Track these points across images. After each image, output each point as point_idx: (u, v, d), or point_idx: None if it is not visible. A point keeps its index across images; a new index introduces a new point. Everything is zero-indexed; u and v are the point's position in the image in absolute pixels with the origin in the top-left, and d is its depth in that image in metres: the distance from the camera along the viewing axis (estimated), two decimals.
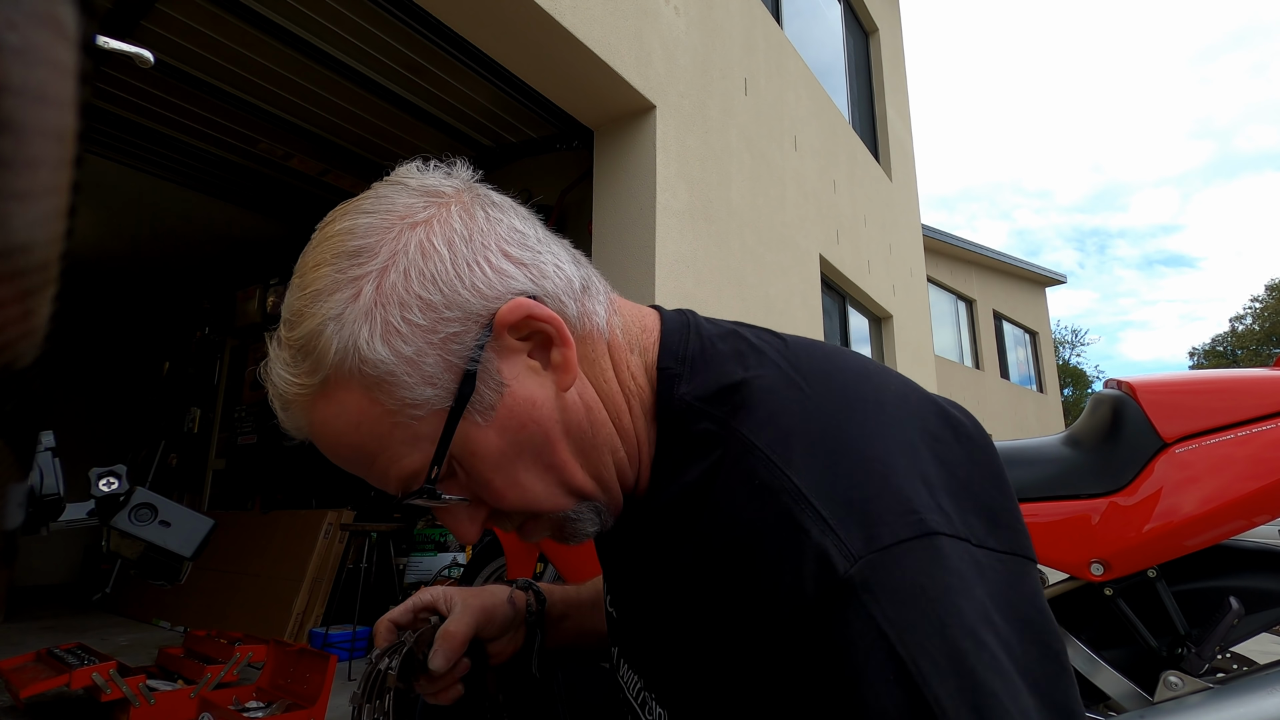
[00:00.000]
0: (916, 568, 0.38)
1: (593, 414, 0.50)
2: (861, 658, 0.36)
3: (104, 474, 0.65)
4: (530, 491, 0.49)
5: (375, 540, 3.49)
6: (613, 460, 0.51)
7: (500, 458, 0.47)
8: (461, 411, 0.45)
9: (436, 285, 0.45)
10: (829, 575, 0.38)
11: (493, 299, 0.46)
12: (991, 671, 0.36)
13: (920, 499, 0.40)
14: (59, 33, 0.21)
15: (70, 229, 0.27)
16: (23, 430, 0.37)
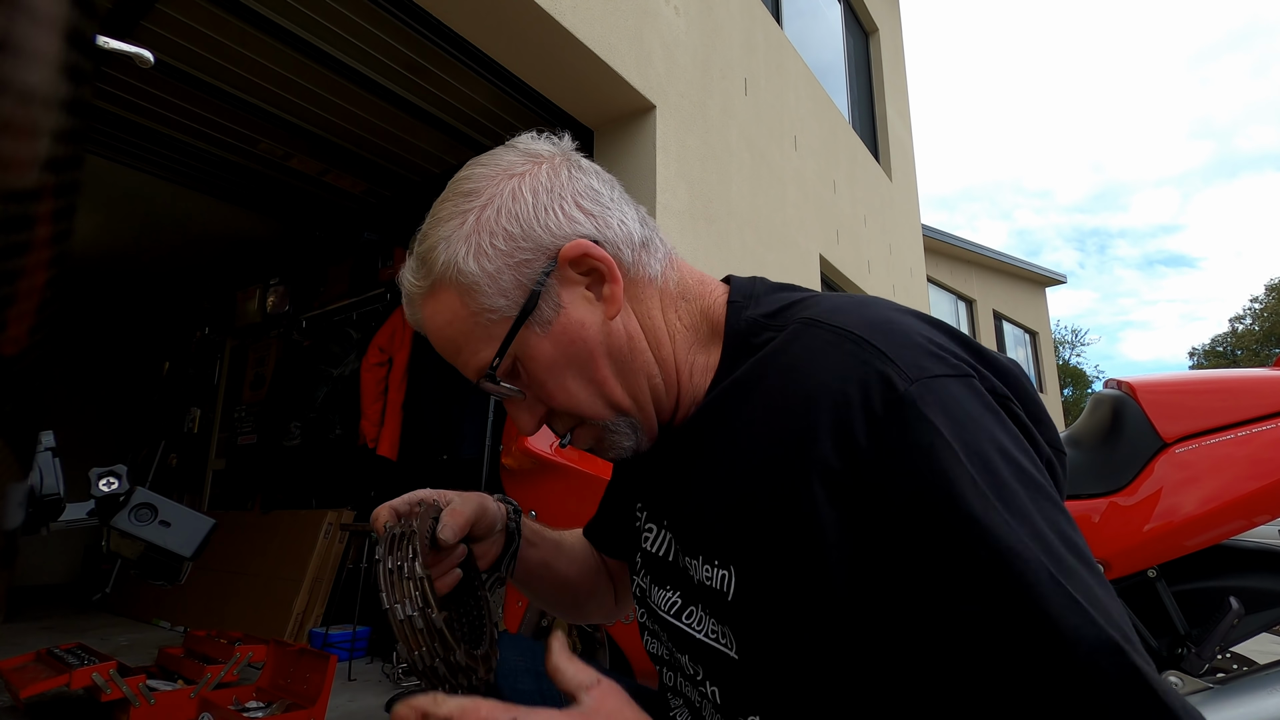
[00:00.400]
0: (960, 396, 0.47)
1: (633, 342, 0.60)
2: (919, 460, 0.44)
3: (104, 474, 0.65)
4: (576, 397, 0.59)
5: (375, 540, 3.49)
6: (648, 385, 0.61)
7: (552, 364, 0.58)
8: (524, 320, 0.57)
9: (518, 221, 0.57)
10: (892, 392, 0.46)
11: (560, 237, 0.58)
12: (1014, 480, 0.44)
13: (958, 354, 0.50)
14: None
15: (70, 229, 0.27)
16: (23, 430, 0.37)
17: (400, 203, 4.61)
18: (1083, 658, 0.38)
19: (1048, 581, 0.40)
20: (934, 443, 0.44)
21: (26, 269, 0.25)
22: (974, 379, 0.49)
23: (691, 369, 0.62)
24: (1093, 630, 0.38)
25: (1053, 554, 0.41)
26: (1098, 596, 0.40)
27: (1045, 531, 0.42)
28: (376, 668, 3.05)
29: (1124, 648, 0.38)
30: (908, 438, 0.45)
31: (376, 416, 3.62)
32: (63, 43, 0.21)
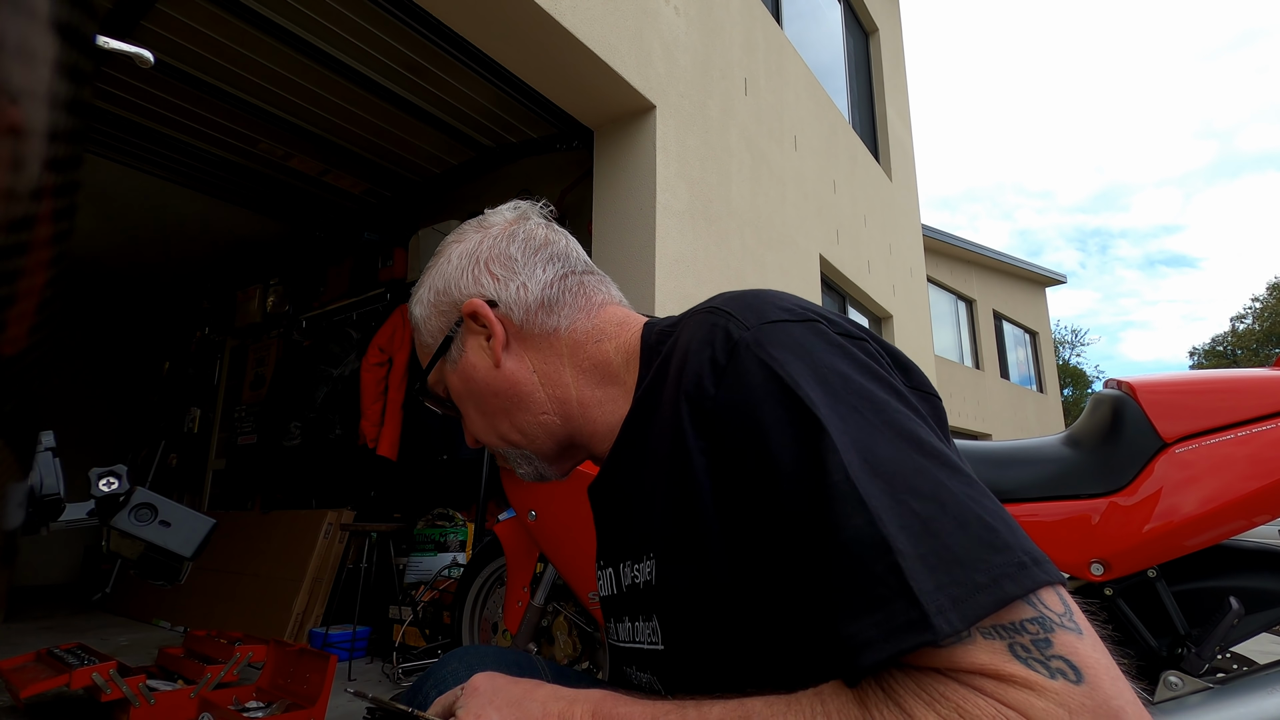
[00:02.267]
0: (798, 333, 0.50)
1: (520, 386, 0.69)
2: (757, 388, 0.48)
3: (104, 474, 0.65)
4: (474, 424, 0.73)
5: (375, 540, 3.49)
6: (539, 422, 0.70)
7: (458, 395, 0.73)
8: (439, 357, 0.74)
9: (444, 280, 0.73)
10: (729, 341, 0.51)
11: (466, 296, 0.71)
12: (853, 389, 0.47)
13: (811, 307, 0.55)
14: None
15: (70, 229, 0.27)
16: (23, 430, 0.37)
17: (400, 203, 4.61)
18: (854, 553, 0.40)
19: (842, 483, 0.42)
20: (769, 370, 0.48)
21: (26, 269, 0.25)
22: (819, 323, 0.52)
23: (600, 402, 0.68)
24: (869, 530, 0.40)
25: (864, 457, 0.43)
26: (893, 503, 0.41)
27: (864, 438, 0.44)
28: (376, 668, 3.05)
29: (892, 548, 0.39)
30: (743, 374, 0.49)
31: (376, 416, 3.62)
32: (60, 42, 0.21)
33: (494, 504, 3.03)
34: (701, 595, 0.52)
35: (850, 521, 0.41)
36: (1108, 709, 0.35)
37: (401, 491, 3.75)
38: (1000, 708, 0.36)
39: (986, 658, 0.37)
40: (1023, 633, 0.38)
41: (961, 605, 0.38)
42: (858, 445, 0.43)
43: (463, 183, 4.31)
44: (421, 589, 3.20)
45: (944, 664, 0.38)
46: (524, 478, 0.74)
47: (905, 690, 0.39)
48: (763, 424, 0.47)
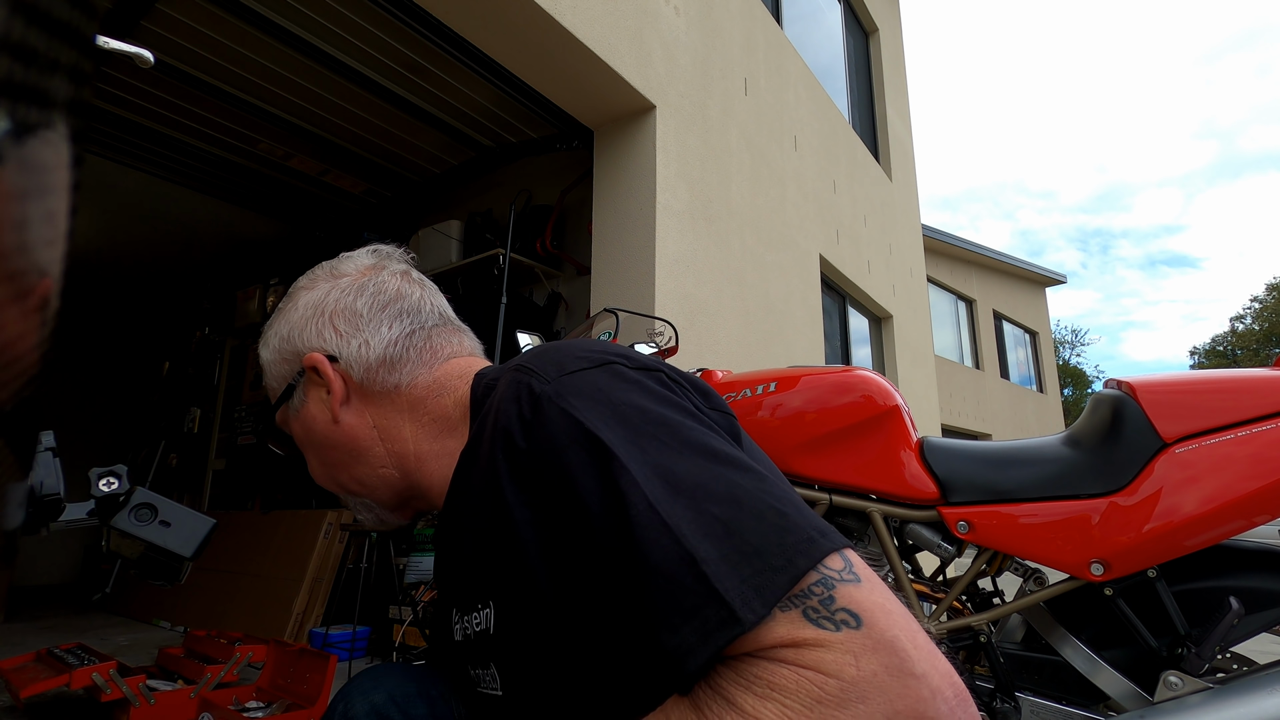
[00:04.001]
0: (595, 378, 0.53)
1: (357, 441, 0.71)
2: (560, 436, 0.50)
3: (104, 474, 0.65)
4: (314, 470, 0.75)
5: (375, 540, 3.49)
6: (378, 475, 0.71)
7: (300, 441, 0.75)
8: (281, 403, 0.74)
9: (289, 327, 0.73)
10: (532, 396, 0.53)
11: (308, 348, 0.72)
12: (649, 418, 0.50)
13: (609, 350, 0.57)
14: None
15: (71, 229, 0.27)
16: (23, 430, 0.37)
17: (400, 203, 4.61)
18: (665, 572, 0.44)
19: (645, 512, 0.45)
20: (570, 417, 0.50)
21: (27, 269, 0.25)
22: (615, 364, 0.55)
23: (438, 456, 0.69)
24: (675, 549, 0.44)
25: (664, 478, 0.46)
26: (695, 515, 0.45)
27: (663, 461, 0.47)
28: None
29: (697, 558, 0.43)
30: (547, 425, 0.51)
31: None
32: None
33: None
34: (535, 641, 0.54)
35: (658, 545, 0.44)
36: (884, 642, 0.40)
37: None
38: (799, 671, 0.40)
39: (784, 630, 0.41)
40: (811, 597, 0.42)
41: (763, 591, 0.42)
42: (657, 470, 0.47)
43: (463, 183, 4.31)
44: (421, 589, 3.20)
45: (753, 647, 0.42)
46: (365, 523, 0.75)
47: (727, 681, 0.43)
48: (569, 469, 0.49)
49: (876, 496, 1.52)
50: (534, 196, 3.71)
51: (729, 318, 3.57)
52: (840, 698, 0.39)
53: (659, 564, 0.44)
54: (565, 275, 3.67)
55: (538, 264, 3.53)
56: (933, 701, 0.39)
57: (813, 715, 0.40)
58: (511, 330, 1.96)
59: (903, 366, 6.43)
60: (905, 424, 1.54)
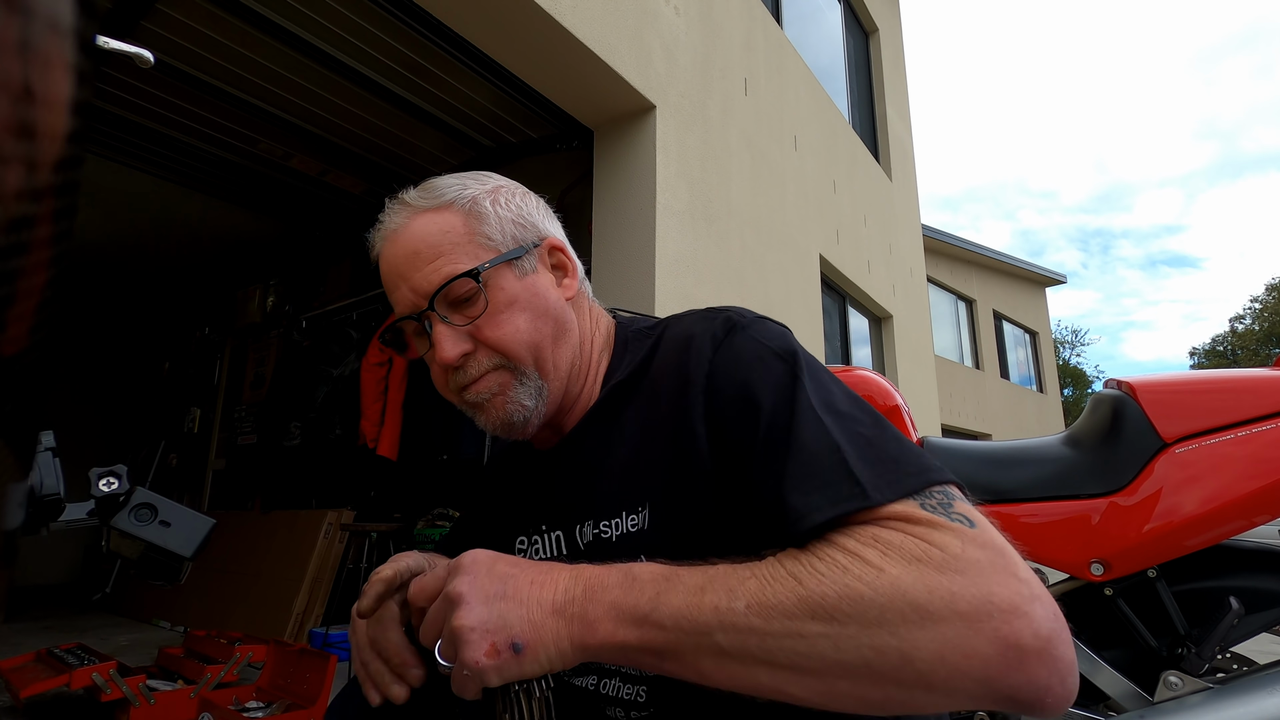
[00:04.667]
0: (781, 330, 0.65)
1: (569, 326, 0.72)
2: (747, 354, 0.61)
3: (104, 474, 0.65)
4: (518, 333, 0.67)
5: (375, 540, 3.49)
6: (568, 363, 0.71)
7: (513, 300, 0.68)
8: (509, 258, 0.69)
9: (521, 202, 0.73)
10: (729, 324, 0.64)
11: (544, 230, 0.73)
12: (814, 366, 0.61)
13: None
14: None
15: (70, 229, 0.27)
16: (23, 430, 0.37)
17: None
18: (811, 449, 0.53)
19: (807, 409, 0.55)
20: (759, 343, 0.62)
21: (26, 269, 0.25)
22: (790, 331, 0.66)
23: (597, 368, 0.74)
24: (824, 438, 0.54)
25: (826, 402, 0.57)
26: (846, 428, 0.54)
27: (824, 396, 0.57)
28: None
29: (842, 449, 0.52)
30: (736, 346, 0.62)
31: (376, 416, 3.62)
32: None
33: None
34: (692, 531, 0.59)
35: (809, 432, 0.54)
36: (994, 543, 0.45)
37: (401, 491, 3.75)
38: (907, 534, 0.46)
39: (901, 508, 0.48)
40: (932, 497, 0.49)
41: (894, 485, 0.49)
42: (820, 395, 0.57)
43: None
44: None
45: (870, 518, 0.49)
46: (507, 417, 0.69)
47: (837, 534, 0.49)
48: (750, 378, 0.59)
49: None
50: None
51: None
52: (940, 564, 0.44)
53: (806, 441, 0.53)
54: None
55: None
56: (1031, 603, 0.42)
57: (909, 569, 0.44)
58: None
59: (903, 366, 6.43)
60: (905, 424, 1.54)
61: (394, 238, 0.69)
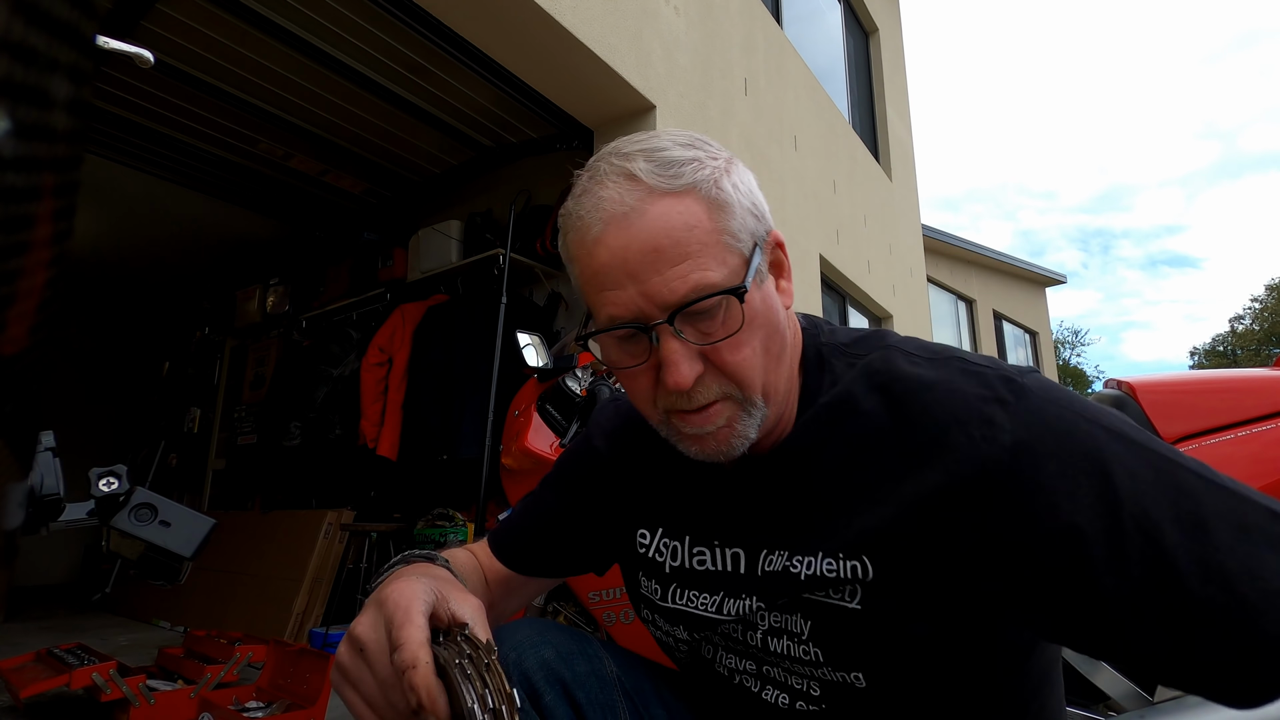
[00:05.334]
0: (1046, 381, 0.56)
1: (789, 340, 0.63)
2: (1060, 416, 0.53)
3: (104, 474, 0.65)
4: (751, 361, 0.58)
5: (375, 540, 3.49)
6: (786, 381, 0.62)
7: (753, 316, 0.57)
8: (755, 261, 0.57)
9: (752, 189, 0.61)
10: (1013, 384, 0.54)
11: (770, 222, 0.62)
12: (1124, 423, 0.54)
13: None
14: None
15: (70, 229, 0.27)
16: (23, 430, 0.37)
17: (400, 203, 4.61)
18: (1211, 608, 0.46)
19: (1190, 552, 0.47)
20: (1063, 411, 0.53)
21: (26, 269, 0.25)
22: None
23: (795, 383, 0.65)
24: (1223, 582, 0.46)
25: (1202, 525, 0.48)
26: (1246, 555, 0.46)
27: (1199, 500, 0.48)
28: None
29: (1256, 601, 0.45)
30: (1042, 413, 0.52)
31: (376, 416, 3.62)
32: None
33: (494, 504, 3.03)
34: (921, 604, 0.55)
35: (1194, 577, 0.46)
36: None
37: (401, 491, 3.75)
38: None
39: None
40: None
41: None
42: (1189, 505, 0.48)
43: (463, 183, 4.31)
44: None
45: None
46: (728, 450, 0.59)
47: None
48: (1071, 503, 0.49)
49: None
50: (534, 196, 3.71)
51: None
52: None
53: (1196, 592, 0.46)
54: (565, 275, 3.66)
55: (538, 264, 3.53)
56: None
57: None
58: (511, 330, 1.95)
59: None
60: None
61: (625, 224, 0.55)
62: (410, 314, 3.67)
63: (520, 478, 1.76)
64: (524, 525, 0.82)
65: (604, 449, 0.79)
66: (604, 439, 0.80)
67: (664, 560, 0.71)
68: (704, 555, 0.68)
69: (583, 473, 0.80)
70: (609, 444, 0.79)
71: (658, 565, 0.72)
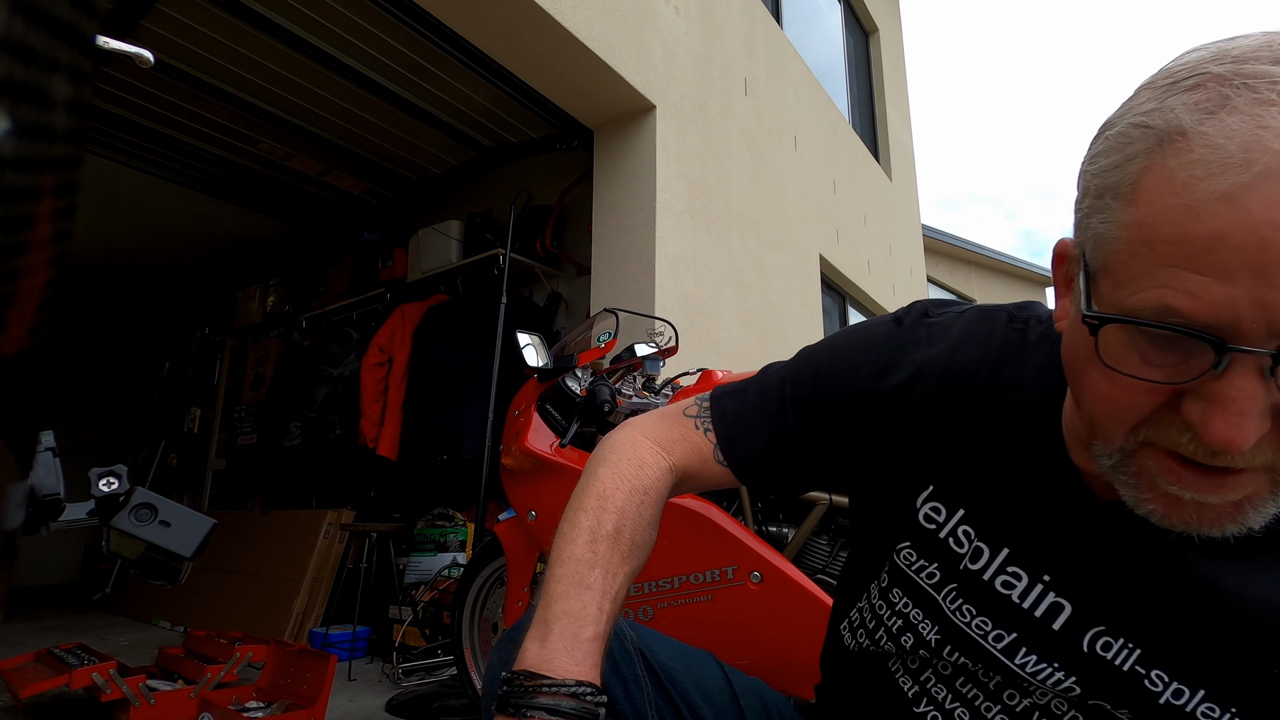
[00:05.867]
0: None
1: None
2: None
3: (104, 474, 0.65)
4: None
5: (375, 540, 3.49)
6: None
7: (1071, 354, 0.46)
8: (1093, 266, 0.43)
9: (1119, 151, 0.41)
10: None
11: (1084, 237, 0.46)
12: None
13: None
14: None
15: (70, 229, 0.27)
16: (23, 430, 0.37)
17: (400, 203, 4.61)
18: None
19: None
20: None
21: (26, 269, 0.25)
22: None
23: None
24: None
25: None
26: None
27: None
28: (376, 668, 3.05)
29: None
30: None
31: (376, 416, 3.62)
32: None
33: (494, 504, 3.03)
34: None
35: None
36: None
37: (401, 491, 3.75)
38: None
39: None
40: None
41: None
42: None
43: (463, 183, 4.31)
44: (421, 589, 3.20)
45: None
46: (1236, 529, 0.43)
47: None
48: None
49: None
50: (534, 196, 3.71)
51: (729, 318, 3.57)
52: None
53: None
54: (565, 275, 3.67)
55: (538, 264, 3.53)
56: None
57: None
58: (511, 330, 1.95)
59: None
60: None
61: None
62: (410, 314, 3.67)
63: (520, 478, 1.76)
64: (761, 440, 0.67)
65: (908, 400, 0.60)
66: (911, 389, 0.60)
67: (960, 553, 0.58)
68: (1017, 582, 0.55)
69: (850, 410, 0.63)
70: (925, 399, 0.59)
71: (946, 550, 0.59)
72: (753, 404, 0.69)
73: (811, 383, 0.65)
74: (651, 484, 0.64)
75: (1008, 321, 0.59)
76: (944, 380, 0.59)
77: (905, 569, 0.62)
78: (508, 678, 0.53)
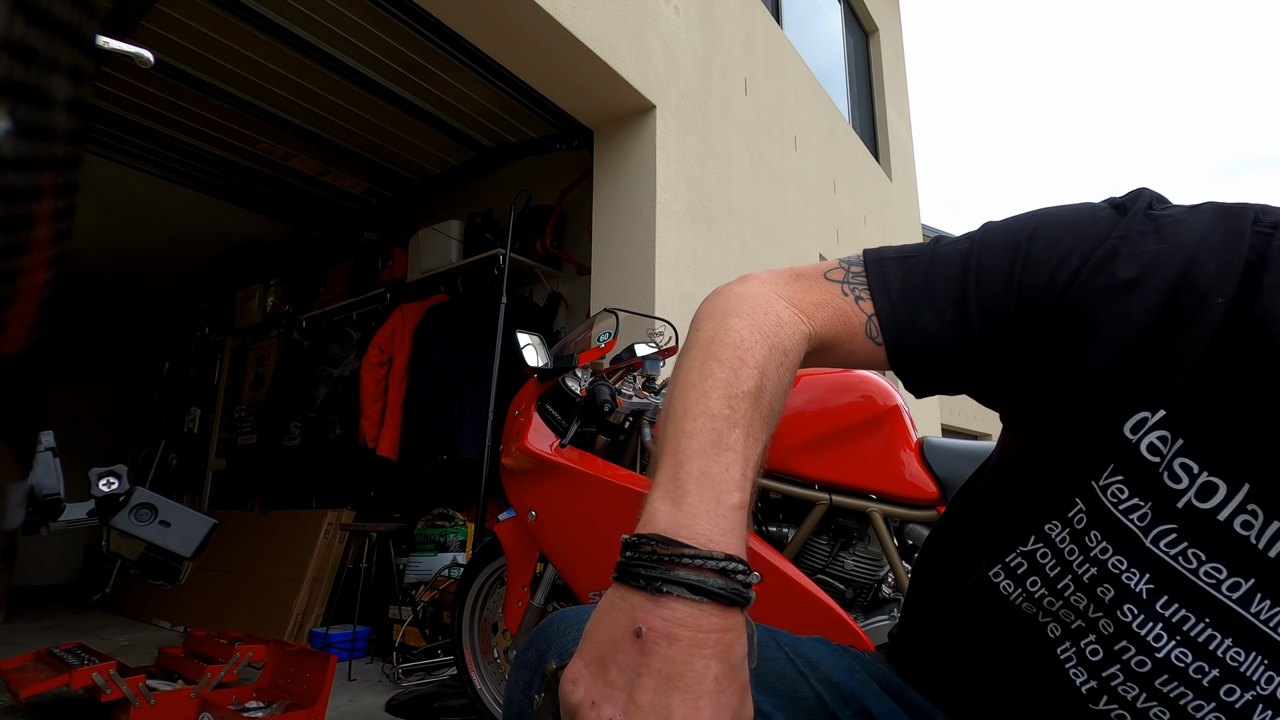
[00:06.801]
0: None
1: None
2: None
3: (104, 474, 0.65)
4: None
5: (375, 540, 3.49)
6: None
7: None
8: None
9: None
10: None
11: None
12: None
13: None
14: None
15: (70, 229, 0.27)
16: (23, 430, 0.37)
17: (400, 203, 4.61)
18: None
19: None
20: None
21: (26, 269, 0.25)
22: None
23: None
24: None
25: None
26: None
27: None
28: (376, 668, 3.05)
29: None
30: None
31: (376, 416, 3.62)
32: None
33: (494, 504, 3.03)
34: None
35: None
36: None
37: (401, 491, 3.75)
38: None
39: None
40: None
41: None
42: None
43: (463, 183, 4.31)
44: (421, 589, 3.20)
45: None
46: None
47: None
48: None
49: (876, 496, 1.52)
50: (534, 196, 3.71)
51: None
52: None
53: None
54: (565, 275, 3.67)
55: (538, 264, 3.53)
56: None
57: None
58: (511, 330, 1.96)
59: None
60: (905, 424, 1.54)
61: None
62: (410, 314, 3.67)
63: (520, 477, 1.76)
64: (933, 326, 0.57)
65: (1133, 300, 0.51)
66: (1138, 287, 0.51)
67: (1177, 489, 0.50)
68: (1255, 520, 0.49)
69: (1055, 303, 0.52)
70: (1156, 303, 0.50)
71: (1162, 487, 0.51)
72: (923, 278, 0.57)
73: (1007, 263, 0.54)
74: (791, 346, 0.55)
75: (1254, 223, 0.50)
76: (1181, 285, 0.50)
77: (1111, 508, 0.52)
78: (633, 541, 0.43)
